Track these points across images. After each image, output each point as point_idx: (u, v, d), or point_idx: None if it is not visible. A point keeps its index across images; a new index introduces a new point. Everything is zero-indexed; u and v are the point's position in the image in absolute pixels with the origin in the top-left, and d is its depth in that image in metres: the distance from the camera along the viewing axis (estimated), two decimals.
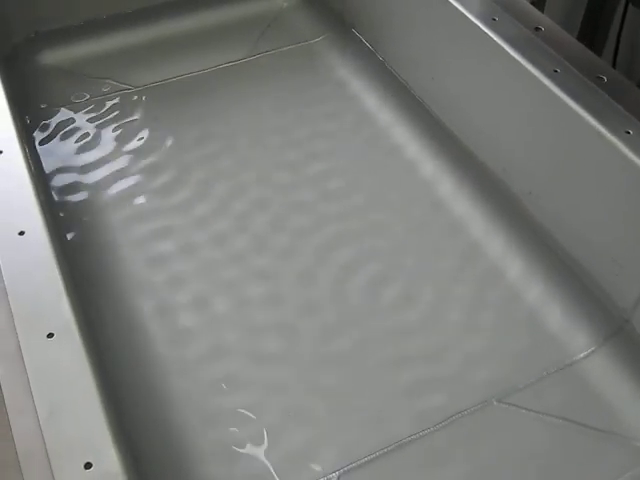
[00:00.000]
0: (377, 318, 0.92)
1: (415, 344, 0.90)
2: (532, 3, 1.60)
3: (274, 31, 1.36)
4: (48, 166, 1.09)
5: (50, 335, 0.65)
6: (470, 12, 1.01)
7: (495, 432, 0.81)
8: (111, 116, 1.19)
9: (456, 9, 1.02)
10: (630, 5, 1.28)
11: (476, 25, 0.99)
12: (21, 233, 0.72)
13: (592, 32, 1.17)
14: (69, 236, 0.98)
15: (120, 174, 1.10)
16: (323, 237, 1.01)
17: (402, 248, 1.00)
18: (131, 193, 1.07)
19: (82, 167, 1.10)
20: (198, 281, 0.95)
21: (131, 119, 1.19)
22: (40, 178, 1.00)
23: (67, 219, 0.99)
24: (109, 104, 1.21)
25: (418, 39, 1.15)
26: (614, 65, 1.68)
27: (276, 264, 0.98)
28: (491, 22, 0.99)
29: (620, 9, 1.33)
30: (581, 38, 1.21)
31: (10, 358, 0.63)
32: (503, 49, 0.95)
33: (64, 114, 1.19)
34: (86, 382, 0.62)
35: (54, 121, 1.17)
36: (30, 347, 0.63)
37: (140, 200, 1.06)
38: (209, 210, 1.05)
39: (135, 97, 1.23)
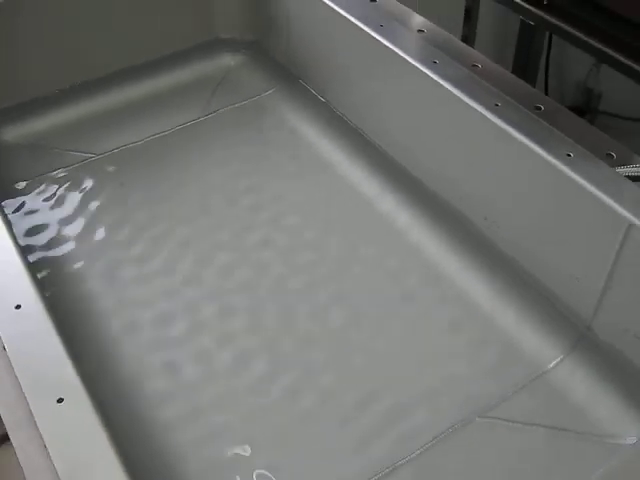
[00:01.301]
0: (350, 349, 0.97)
1: (390, 370, 0.95)
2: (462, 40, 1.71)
3: (225, 89, 1.42)
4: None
5: (60, 400, 0.68)
6: (411, 57, 1.08)
7: (481, 446, 0.87)
8: (77, 185, 1.23)
9: (397, 55, 1.10)
10: (554, 37, 1.38)
11: (418, 69, 1.06)
12: (17, 307, 0.76)
13: (524, 65, 1.26)
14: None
15: (91, 243, 1.13)
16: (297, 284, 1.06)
17: (370, 283, 1.06)
18: (104, 262, 1.10)
19: (50, 240, 1.13)
20: (188, 344, 0.98)
21: (97, 186, 1.23)
22: None
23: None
24: (74, 173, 1.25)
25: (364, 85, 1.22)
26: (546, 93, 1.79)
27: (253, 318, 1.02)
28: (432, 64, 1.06)
29: (545, 42, 1.43)
30: (515, 71, 1.30)
31: (22, 425, 0.67)
32: (446, 89, 1.03)
33: (30, 188, 1.22)
34: (100, 440, 0.65)
35: (20, 196, 1.20)
36: (42, 413, 0.67)
37: (114, 266, 1.09)
38: (186, 272, 1.08)
39: (99, 164, 1.27)
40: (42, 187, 1.22)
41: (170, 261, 1.10)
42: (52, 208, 1.19)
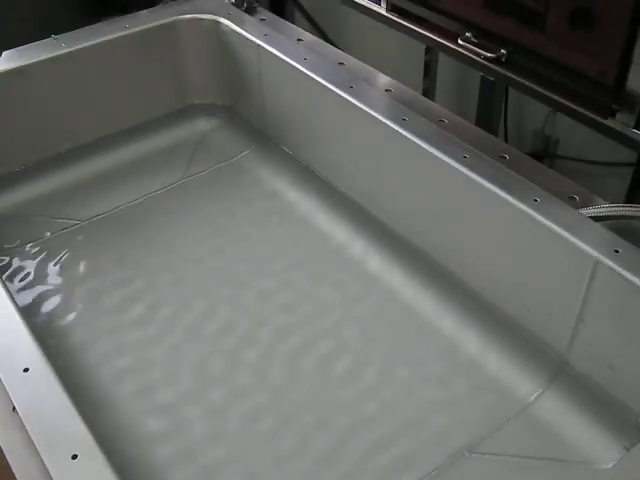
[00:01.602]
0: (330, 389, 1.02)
1: (380, 409, 1.00)
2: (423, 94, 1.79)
3: (202, 153, 1.48)
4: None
5: (74, 457, 0.71)
6: (382, 115, 1.15)
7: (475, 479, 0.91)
8: (63, 251, 1.26)
9: (369, 114, 1.16)
10: (510, 89, 1.47)
11: (389, 126, 1.13)
12: (25, 370, 0.79)
13: (487, 116, 1.34)
14: None
15: (78, 306, 1.16)
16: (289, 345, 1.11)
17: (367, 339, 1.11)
18: (98, 328, 1.13)
19: (37, 303, 1.16)
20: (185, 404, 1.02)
21: (83, 251, 1.27)
22: None
23: None
24: (59, 240, 1.29)
25: (337, 143, 1.29)
26: (506, 141, 1.88)
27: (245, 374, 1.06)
28: (402, 121, 1.13)
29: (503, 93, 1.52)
30: (479, 122, 1.38)
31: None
32: (417, 144, 1.09)
33: (16, 253, 1.25)
34: None
35: (7, 264, 1.23)
36: (58, 470, 0.70)
37: (110, 331, 1.13)
38: (176, 336, 1.12)
39: (84, 230, 1.31)
40: (28, 253, 1.25)
41: (164, 327, 1.13)
42: (38, 273, 1.22)
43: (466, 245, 1.09)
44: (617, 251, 0.90)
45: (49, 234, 1.30)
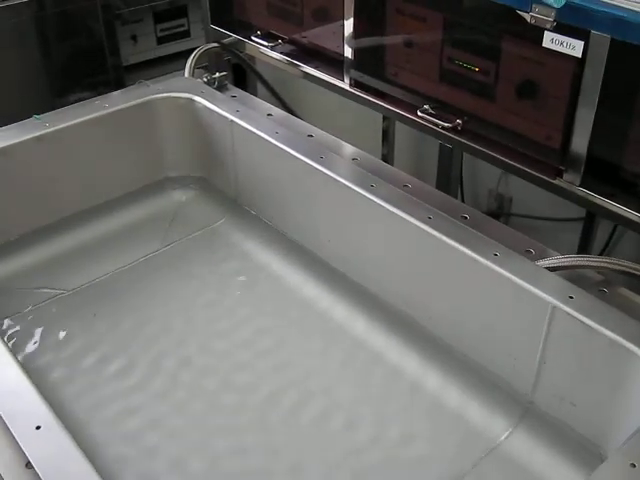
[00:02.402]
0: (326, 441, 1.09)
1: (364, 457, 1.06)
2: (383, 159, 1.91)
3: (180, 222, 1.56)
4: None
5: None
6: (352, 183, 1.25)
7: None
8: (53, 320, 1.32)
9: (339, 182, 1.26)
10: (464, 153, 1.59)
11: (359, 193, 1.23)
12: (37, 427, 0.85)
13: (447, 180, 1.45)
14: None
15: (77, 374, 1.21)
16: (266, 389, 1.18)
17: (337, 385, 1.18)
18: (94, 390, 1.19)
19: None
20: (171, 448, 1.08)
21: (71, 319, 1.32)
22: None
23: None
24: (48, 310, 1.35)
25: (309, 210, 1.38)
26: (463, 201, 2.00)
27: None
28: (370, 188, 1.23)
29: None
30: (439, 185, 1.49)
31: None
32: (385, 208, 1.19)
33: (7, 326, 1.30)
34: None
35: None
36: None
37: (102, 389, 1.18)
38: (163, 384, 1.19)
39: (71, 299, 1.37)
40: (18, 325, 1.30)
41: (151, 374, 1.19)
42: (27, 341, 1.27)
43: (434, 298, 1.18)
44: (571, 297, 0.99)
45: (31, 307, 1.34)
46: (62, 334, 1.29)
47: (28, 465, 0.81)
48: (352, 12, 1.38)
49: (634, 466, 0.77)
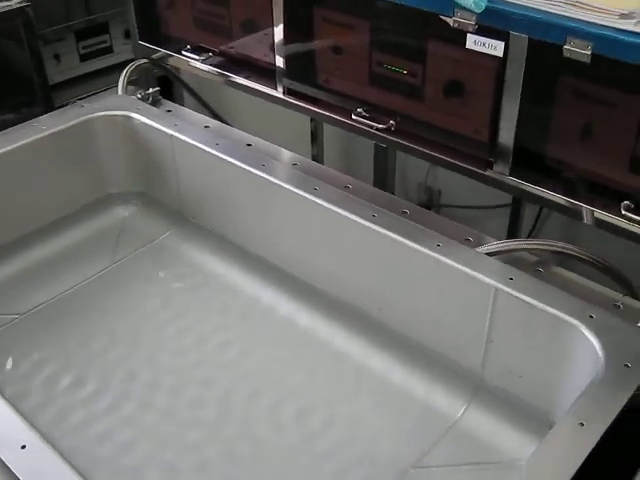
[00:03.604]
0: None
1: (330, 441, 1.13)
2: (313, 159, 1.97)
3: (126, 238, 1.59)
4: None
5: None
6: (295, 187, 1.30)
7: None
8: (8, 345, 1.33)
9: (283, 187, 1.32)
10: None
11: (303, 196, 1.28)
12: (23, 447, 0.88)
13: (383, 178, 1.52)
14: None
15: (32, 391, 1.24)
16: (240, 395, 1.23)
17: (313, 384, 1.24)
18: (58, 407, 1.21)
19: None
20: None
21: (27, 342, 1.34)
22: None
23: None
24: (4, 334, 1.35)
25: (254, 217, 1.42)
26: (393, 194, 2.08)
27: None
28: (314, 191, 1.29)
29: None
30: (376, 184, 1.56)
31: None
32: (330, 209, 1.25)
33: None
34: None
35: None
36: None
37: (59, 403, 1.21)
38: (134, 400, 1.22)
39: (24, 322, 1.38)
40: None
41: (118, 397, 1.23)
42: None
43: (384, 291, 1.25)
44: (511, 279, 1.08)
45: None
46: (24, 357, 1.30)
47: None
48: (281, 22, 1.43)
49: (582, 425, 0.85)
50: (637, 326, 1.00)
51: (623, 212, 1.09)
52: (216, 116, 1.95)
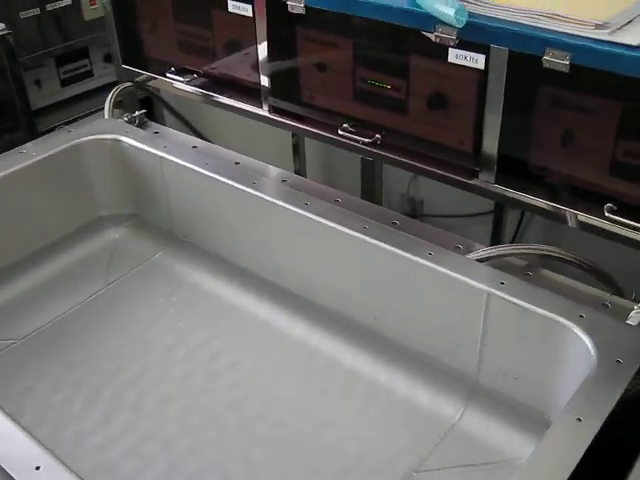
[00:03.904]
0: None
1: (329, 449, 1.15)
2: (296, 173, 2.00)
3: (119, 259, 1.61)
4: None
5: None
6: (287, 203, 1.33)
7: None
8: (8, 371, 1.34)
9: (276, 204, 1.34)
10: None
11: (295, 211, 1.31)
12: (37, 468, 0.89)
13: (371, 190, 1.56)
14: None
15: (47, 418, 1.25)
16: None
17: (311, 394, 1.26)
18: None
19: None
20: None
21: (26, 366, 1.35)
22: None
23: None
24: (3, 360, 1.37)
25: (246, 234, 1.45)
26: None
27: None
28: (305, 206, 1.32)
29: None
30: (363, 196, 1.59)
31: None
32: (322, 223, 1.28)
33: None
34: None
35: None
36: None
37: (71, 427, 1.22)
38: (128, 414, 1.24)
39: (23, 347, 1.40)
40: None
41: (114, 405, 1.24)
42: None
43: (378, 300, 1.28)
44: (503, 283, 1.11)
45: None
46: (23, 382, 1.31)
47: None
48: (265, 42, 1.46)
49: (580, 420, 0.88)
50: (626, 323, 1.04)
51: (606, 214, 1.12)
52: (198, 135, 1.98)
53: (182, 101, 2.03)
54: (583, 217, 1.18)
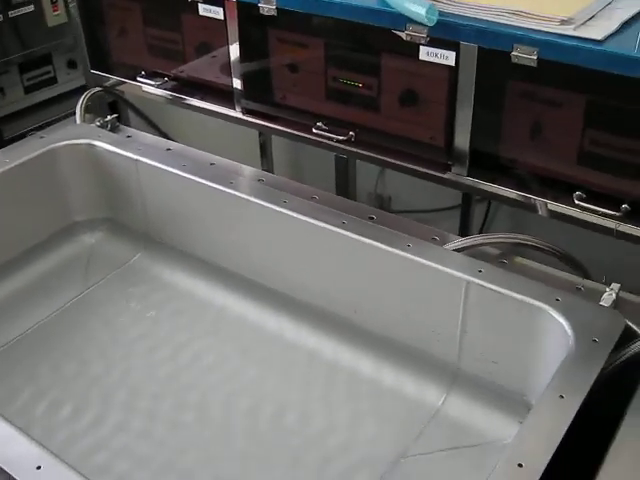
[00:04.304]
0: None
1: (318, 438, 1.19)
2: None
3: (96, 263, 1.62)
4: None
5: None
6: (265, 201, 1.36)
7: (417, 478, 1.11)
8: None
9: (254, 202, 1.37)
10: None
11: (274, 209, 1.34)
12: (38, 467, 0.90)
13: (345, 187, 1.59)
14: None
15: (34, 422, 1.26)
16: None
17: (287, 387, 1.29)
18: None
19: None
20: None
21: (14, 371, 1.35)
22: None
23: None
24: None
25: (225, 233, 1.47)
26: None
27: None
28: (283, 204, 1.34)
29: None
30: (338, 193, 1.63)
31: None
32: (301, 219, 1.31)
33: None
34: None
35: None
36: None
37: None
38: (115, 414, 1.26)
39: (6, 354, 1.40)
40: None
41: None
42: None
43: (359, 294, 1.31)
44: (480, 271, 1.15)
45: None
46: (11, 385, 1.31)
47: None
48: (237, 45, 1.49)
49: (562, 397, 0.93)
50: (600, 305, 1.09)
51: (576, 202, 1.17)
52: (166, 137, 1.99)
53: (147, 104, 2.04)
54: (553, 206, 1.23)
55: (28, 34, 2.31)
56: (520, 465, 0.84)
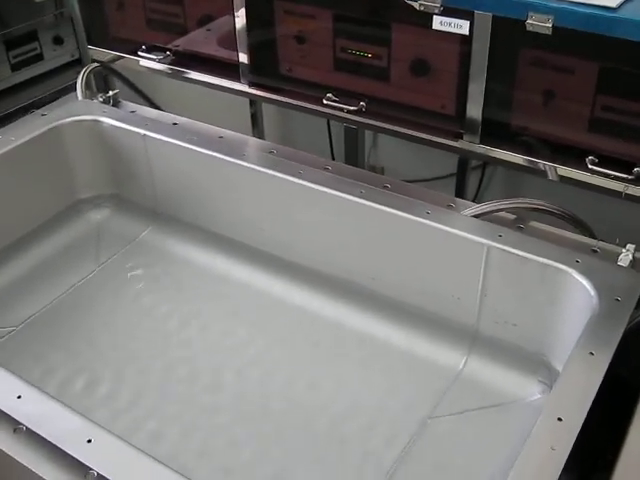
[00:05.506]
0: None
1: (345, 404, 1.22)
2: None
3: (107, 240, 1.62)
4: None
5: None
6: (281, 173, 1.37)
7: (442, 437, 1.15)
8: (15, 354, 1.35)
9: (269, 174, 1.38)
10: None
11: (291, 180, 1.35)
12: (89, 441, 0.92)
13: (355, 157, 1.61)
14: None
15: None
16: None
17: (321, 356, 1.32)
18: None
19: None
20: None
21: (30, 352, 1.36)
22: None
23: None
24: (5, 346, 1.37)
25: (239, 206, 1.48)
26: None
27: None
28: (299, 174, 1.36)
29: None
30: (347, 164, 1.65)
31: None
32: (319, 190, 1.32)
33: None
34: None
35: None
36: None
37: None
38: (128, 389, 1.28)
39: (22, 333, 1.40)
40: None
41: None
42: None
43: (378, 263, 1.34)
44: (500, 235, 1.18)
45: None
46: (36, 364, 1.32)
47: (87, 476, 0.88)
48: (243, 17, 1.49)
49: (592, 354, 0.96)
50: (618, 265, 1.12)
51: (589, 166, 1.21)
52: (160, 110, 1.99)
53: (136, 77, 2.03)
54: (563, 170, 1.26)
55: (13, 10, 2.27)
56: (560, 419, 0.87)
